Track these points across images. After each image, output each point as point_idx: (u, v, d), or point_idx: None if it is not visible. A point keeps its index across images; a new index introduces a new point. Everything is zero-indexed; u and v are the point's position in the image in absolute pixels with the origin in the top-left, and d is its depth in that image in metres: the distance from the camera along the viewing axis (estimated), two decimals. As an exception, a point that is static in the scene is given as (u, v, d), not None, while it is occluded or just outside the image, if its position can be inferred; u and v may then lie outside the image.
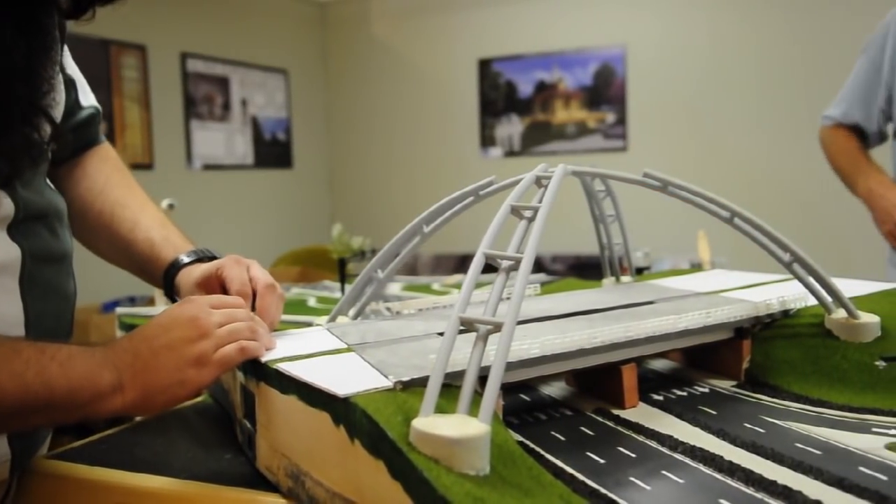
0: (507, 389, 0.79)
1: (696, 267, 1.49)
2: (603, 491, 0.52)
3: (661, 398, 0.73)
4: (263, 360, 0.66)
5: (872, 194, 1.51)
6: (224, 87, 3.83)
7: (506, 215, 0.64)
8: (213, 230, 3.73)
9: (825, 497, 0.49)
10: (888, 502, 0.47)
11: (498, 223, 0.63)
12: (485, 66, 4.17)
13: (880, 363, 0.57)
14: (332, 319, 0.87)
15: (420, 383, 0.57)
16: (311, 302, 1.46)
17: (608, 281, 1.10)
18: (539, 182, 0.70)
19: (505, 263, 0.59)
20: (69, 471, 0.73)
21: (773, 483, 0.51)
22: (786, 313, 0.80)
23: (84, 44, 3.13)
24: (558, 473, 0.55)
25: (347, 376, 0.60)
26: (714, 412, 0.68)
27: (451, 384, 0.58)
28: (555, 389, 0.78)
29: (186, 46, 3.60)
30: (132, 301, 2.86)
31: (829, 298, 0.76)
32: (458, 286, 1.34)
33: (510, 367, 0.63)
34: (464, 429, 0.48)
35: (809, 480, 0.52)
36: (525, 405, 0.74)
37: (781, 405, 0.69)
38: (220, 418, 0.88)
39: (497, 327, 0.54)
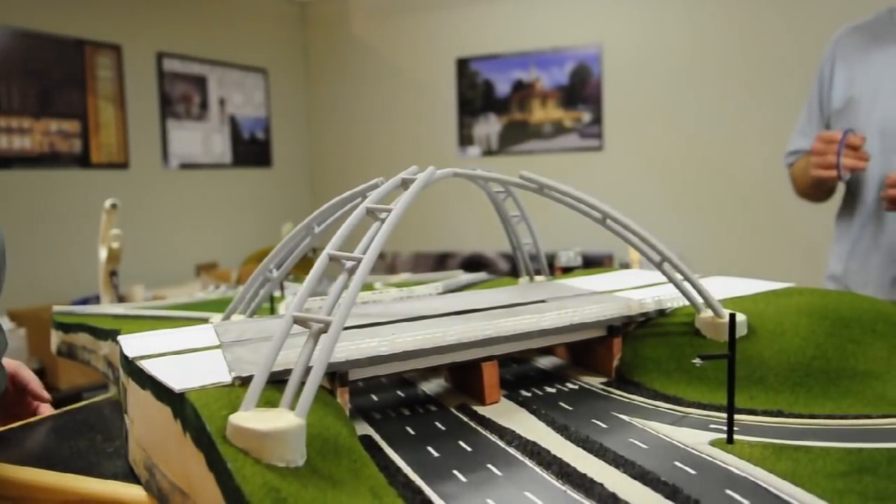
0: (383, 386, 0.81)
1: (624, 266, 1.51)
2: (417, 483, 0.54)
3: (529, 395, 0.75)
4: (131, 355, 0.68)
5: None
6: (201, 86, 3.84)
7: (361, 217, 0.66)
8: (191, 230, 3.75)
9: (622, 489, 0.50)
10: (677, 496, 0.49)
11: (350, 224, 0.65)
12: (463, 65, 4.19)
13: (697, 361, 0.59)
14: (227, 317, 0.88)
15: (260, 379, 0.58)
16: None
17: (523, 280, 1.12)
18: (405, 184, 0.72)
19: (349, 264, 0.61)
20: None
21: (583, 476, 0.53)
22: (661, 312, 0.82)
23: (58, 43, 3.15)
24: (386, 467, 0.57)
25: (196, 372, 0.61)
26: (570, 408, 0.70)
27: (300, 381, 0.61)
28: (433, 386, 0.80)
29: (162, 46, 3.62)
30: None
31: (699, 298, 0.78)
32: (400, 284, 1.35)
33: (359, 363, 0.65)
34: (273, 422, 0.50)
35: (618, 474, 0.53)
36: (397, 401, 0.76)
37: (637, 402, 0.71)
38: (124, 413, 0.90)
39: (327, 326, 0.56)
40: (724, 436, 0.60)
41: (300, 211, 4.72)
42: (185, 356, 0.68)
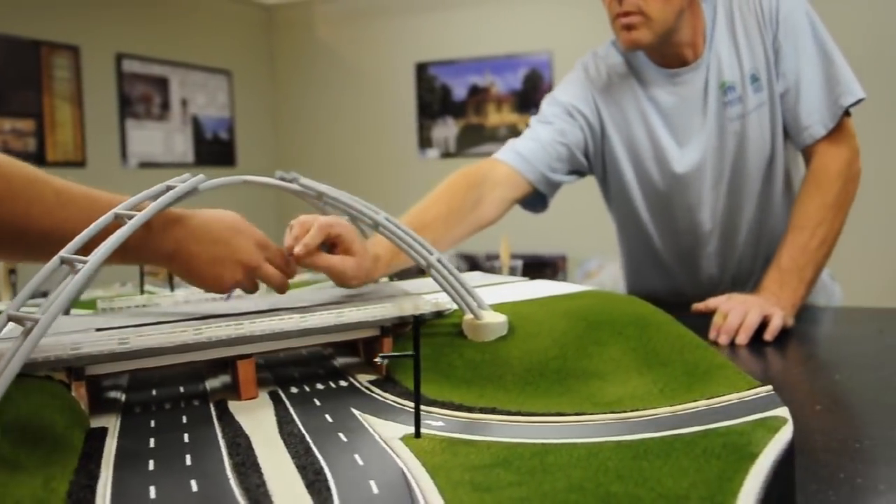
0: (172, 381, 0.85)
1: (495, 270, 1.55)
2: (102, 470, 0.58)
3: (296, 391, 0.79)
4: None
5: None
6: (163, 87, 3.89)
7: (107, 221, 0.70)
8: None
9: (276, 478, 0.54)
10: (314, 485, 0.53)
11: (95, 229, 0.69)
12: (421, 69, 4.24)
13: (378, 360, 0.63)
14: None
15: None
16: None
17: (367, 281, 1.16)
18: (169, 190, 0.76)
19: (79, 266, 0.65)
20: None
21: (255, 466, 0.57)
22: (440, 314, 0.86)
23: (13, 44, 3.20)
24: (91, 456, 0.61)
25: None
26: (318, 404, 0.74)
27: (29, 374, 0.66)
28: (216, 382, 0.84)
29: (122, 47, 3.67)
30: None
31: (467, 301, 0.82)
32: (299, 284, 1.38)
33: (97, 359, 0.69)
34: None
35: (289, 464, 0.57)
36: (170, 395, 0.79)
37: (387, 399, 0.75)
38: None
39: (36, 323, 0.60)
40: (422, 430, 0.64)
41: (266, 212, 4.77)
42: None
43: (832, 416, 0.79)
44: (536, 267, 3.95)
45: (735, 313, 1.10)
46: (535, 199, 1.47)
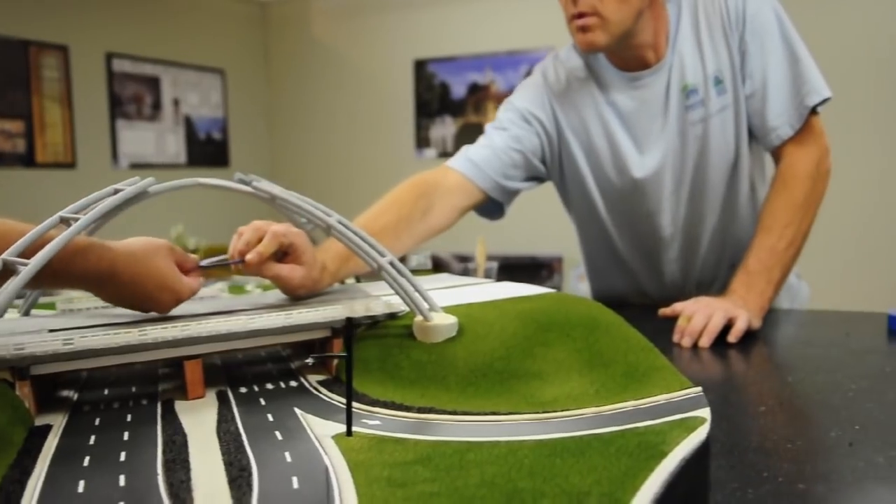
0: (128, 380, 0.86)
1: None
2: (36, 466, 0.59)
3: (245, 391, 0.80)
4: None
5: None
6: (154, 86, 3.91)
7: (52, 224, 0.72)
8: (144, 230, 3.81)
9: (201, 475, 0.55)
10: (237, 481, 0.54)
11: (38, 231, 0.71)
12: (420, 66, 4.25)
13: (310, 360, 0.64)
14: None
15: None
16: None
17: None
18: (116, 193, 0.77)
19: (20, 268, 0.66)
20: None
21: (184, 462, 0.58)
22: (393, 315, 0.87)
23: (0, 44, 3.22)
24: (30, 452, 0.62)
25: None
26: (263, 404, 0.75)
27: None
28: (171, 384, 0.85)
29: (112, 46, 3.68)
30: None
31: (417, 303, 0.83)
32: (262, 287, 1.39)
33: (41, 359, 0.70)
34: None
35: (217, 461, 0.58)
36: (122, 395, 0.80)
37: (332, 399, 0.76)
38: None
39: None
40: (355, 429, 0.65)
41: (259, 212, 4.79)
42: None
43: (773, 417, 0.80)
44: (533, 268, 3.95)
45: (699, 316, 1.11)
46: (492, 207, 1.47)
